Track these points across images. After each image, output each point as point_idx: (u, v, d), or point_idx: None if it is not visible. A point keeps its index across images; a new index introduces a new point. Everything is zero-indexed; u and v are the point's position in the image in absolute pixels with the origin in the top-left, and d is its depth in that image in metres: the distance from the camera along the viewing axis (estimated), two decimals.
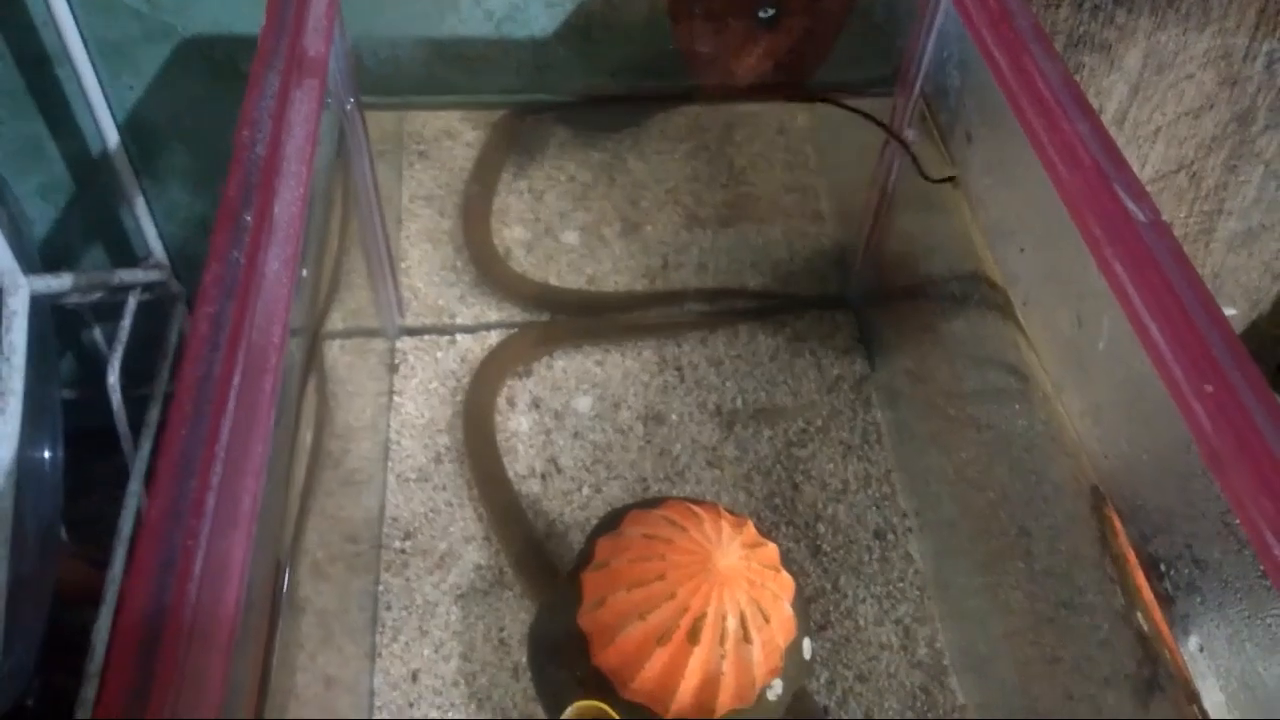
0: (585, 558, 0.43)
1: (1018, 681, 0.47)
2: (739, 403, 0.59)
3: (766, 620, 0.39)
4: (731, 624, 0.38)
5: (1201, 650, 0.35)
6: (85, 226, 0.63)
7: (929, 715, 0.48)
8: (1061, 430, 0.42)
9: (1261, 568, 0.29)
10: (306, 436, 0.42)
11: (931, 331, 0.56)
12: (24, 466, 0.46)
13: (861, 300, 0.63)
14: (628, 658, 0.39)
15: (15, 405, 0.40)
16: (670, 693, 0.39)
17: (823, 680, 0.49)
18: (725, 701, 0.39)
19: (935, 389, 0.55)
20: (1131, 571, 0.38)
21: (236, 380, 0.25)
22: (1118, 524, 0.39)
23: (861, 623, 0.51)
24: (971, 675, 0.49)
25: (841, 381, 0.60)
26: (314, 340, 0.44)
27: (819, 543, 0.53)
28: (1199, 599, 0.34)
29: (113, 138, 0.58)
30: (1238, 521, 0.28)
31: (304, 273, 0.39)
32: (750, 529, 0.42)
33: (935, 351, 0.55)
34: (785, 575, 0.41)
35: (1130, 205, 0.32)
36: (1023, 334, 0.44)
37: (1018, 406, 0.47)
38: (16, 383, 0.41)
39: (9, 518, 0.40)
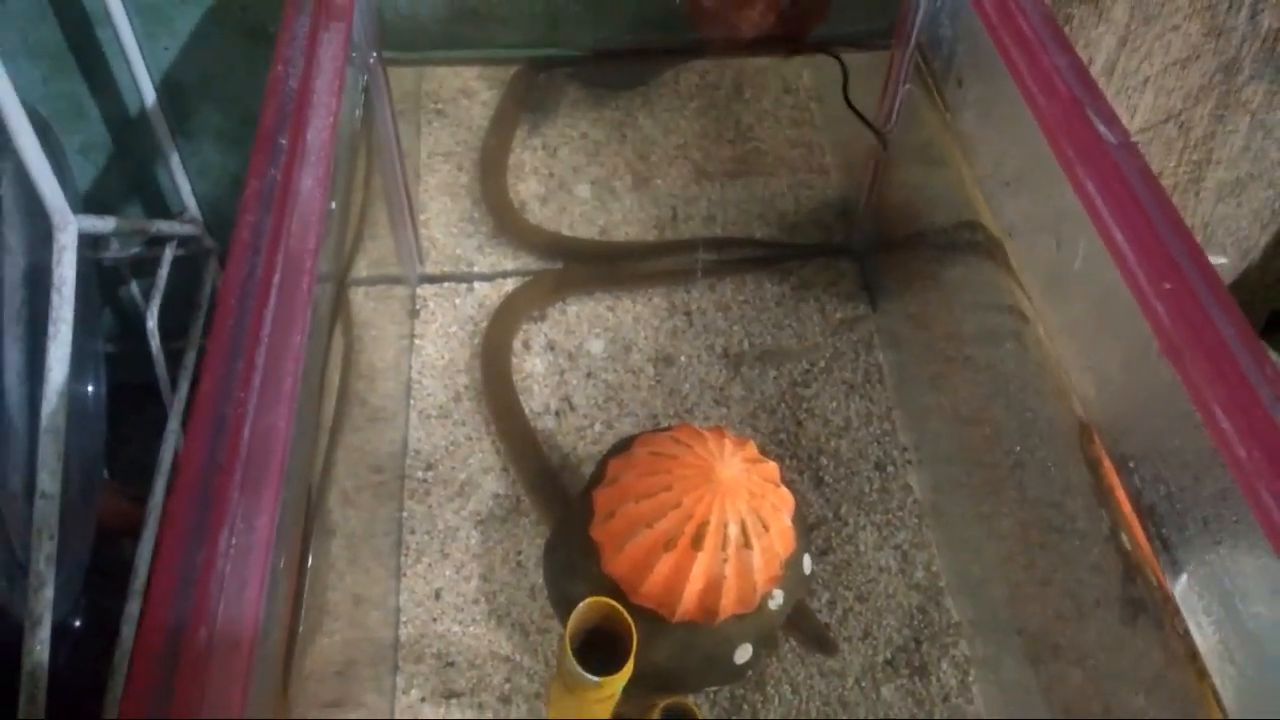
0: (597, 478, 0.46)
1: (1009, 601, 0.49)
2: (745, 345, 0.61)
3: (766, 529, 0.42)
4: (733, 531, 0.41)
5: (1180, 568, 0.37)
6: (124, 183, 0.66)
7: (925, 632, 0.51)
8: (1052, 370, 0.44)
9: (1226, 466, 0.31)
10: (334, 377, 0.44)
11: (931, 277, 0.58)
12: (69, 401, 0.49)
13: (864, 248, 0.66)
14: (636, 564, 0.42)
15: (66, 332, 0.43)
16: (676, 597, 0.41)
17: (824, 600, 0.51)
18: (728, 605, 0.42)
19: (935, 332, 0.57)
20: (1117, 498, 0.41)
21: (277, 279, 0.28)
22: (1102, 453, 0.41)
23: (862, 548, 0.53)
24: (966, 596, 0.52)
25: (845, 325, 0.62)
26: (341, 285, 0.46)
27: (821, 474, 0.56)
28: (1179, 522, 0.36)
29: (150, 97, 0.61)
30: (1199, 418, 0.30)
31: (333, 205, 0.42)
32: (752, 447, 0.44)
33: (935, 296, 0.58)
34: (785, 491, 0.44)
35: (1102, 129, 0.34)
36: (1013, 276, 0.47)
37: (1010, 348, 0.49)
38: (67, 312, 0.43)
39: (62, 434, 0.43)
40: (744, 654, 0.45)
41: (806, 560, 0.47)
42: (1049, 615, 0.47)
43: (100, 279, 0.71)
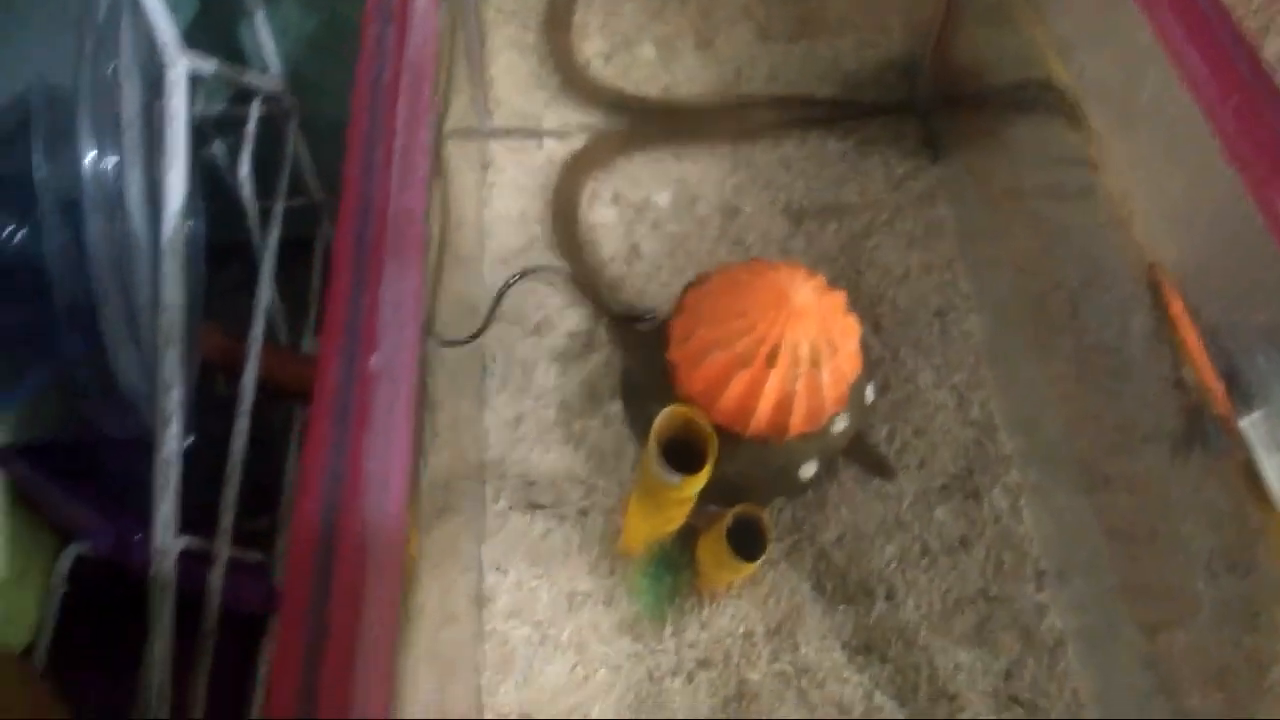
0: (674, 309, 0.49)
1: (1062, 435, 0.52)
2: (808, 200, 0.63)
3: (835, 351, 0.44)
4: (804, 351, 0.43)
5: (1247, 400, 0.39)
6: (211, 41, 0.68)
7: (978, 463, 0.54)
8: (1117, 212, 0.45)
9: None
10: (434, 227, 0.47)
11: (994, 133, 0.59)
12: (191, 247, 0.53)
13: (928, 106, 0.66)
14: (712, 383, 0.45)
15: (180, 162, 0.46)
16: (749, 413, 0.44)
17: (882, 433, 0.54)
18: (797, 423, 0.45)
19: (998, 185, 0.59)
20: (1181, 333, 0.42)
21: (405, 80, 0.30)
22: (1169, 289, 0.42)
23: (920, 386, 0.56)
24: (1019, 432, 0.54)
25: (907, 180, 0.64)
26: (439, 135, 0.49)
27: (880, 320, 0.58)
28: (1247, 353, 0.38)
29: None
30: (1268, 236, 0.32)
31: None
32: (821, 279, 0.46)
33: (998, 151, 0.59)
34: (852, 319, 0.46)
35: None
36: (1082, 124, 0.47)
37: (1075, 198, 0.50)
38: (180, 143, 0.46)
39: (180, 253, 0.47)
40: (809, 470, 0.48)
41: (869, 389, 0.50)
42: (1101, 447, 0.49)
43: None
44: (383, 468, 0.24)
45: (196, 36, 0.68)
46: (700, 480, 0.42)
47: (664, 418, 0.41)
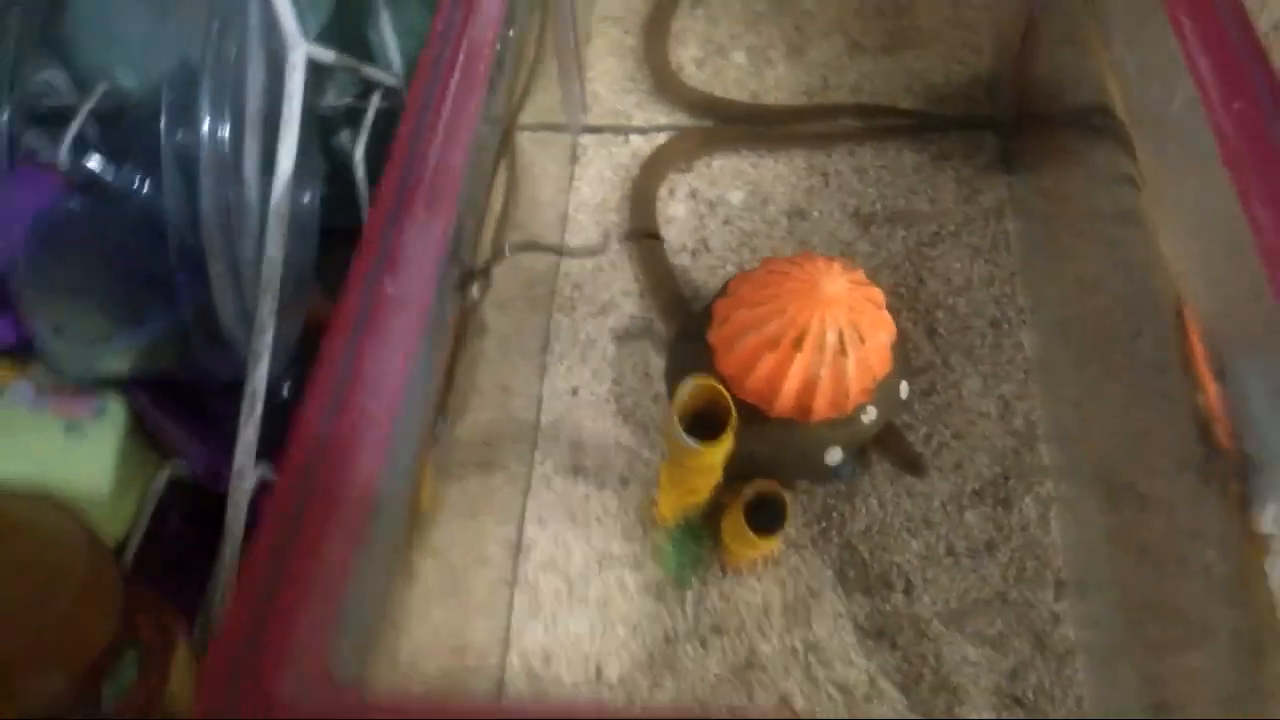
0: (719, 293, 0.52)
1: (1101, 453, 0.52)
2: (878, 206, 0.65)
3: (862, 341, 0.46)
4: (831, 338, 0.46)
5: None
6: (343, 38, 0.75)
7: (1014, 471, 0.54)
8: (1153, 242, 0.46)
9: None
10: (498, 203, 0.51)
11: (1066, 155, 0.60)
12: (290, 206, 0.59)
13: (1008, 124, 0.67)
14: (743, 363, 0.47)
15: (292, 137, 0.52)
16: (775, 393, 0.47)
17: (921, 433, 0.56)
18: (821, 406, 0.47)
19: (1065, 206, 0.59)
20: (1199, 364, 0.42)
21: (461, 58, 0.35)
22: (1191, 320, 0.43)
23: (965, 393, 0.57)
24: (1059, 445, 0.55)
25: (978, 194, 0.65)
26: (510, 123, 0.53)
27: (936, 326, 0.59)
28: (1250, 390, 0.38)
29: None
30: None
31: (510, 33, 0.48)
32: (860, 273, 0.48)
33: (1069, 173, 0.59)
34: (886, 316, 0.48)
35: None
36: (1129, 151, 0.48)
37: (1124, 225, 0.51)
38: (294, 120, 0.52)
39: (286, 216, 0.52)
40: (834, 456, 0.50)
41: (904, 386, 0.52)
42: (1137, 469, 0.49)
43: (319, 127, 0.80)
44: (383, 380, 0.28)
45: (332, 33, 0.75)
46: (719, 449, 0.45)
47: (686, 389, 0.44)
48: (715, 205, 0.65)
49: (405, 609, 0.37)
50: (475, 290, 0.44)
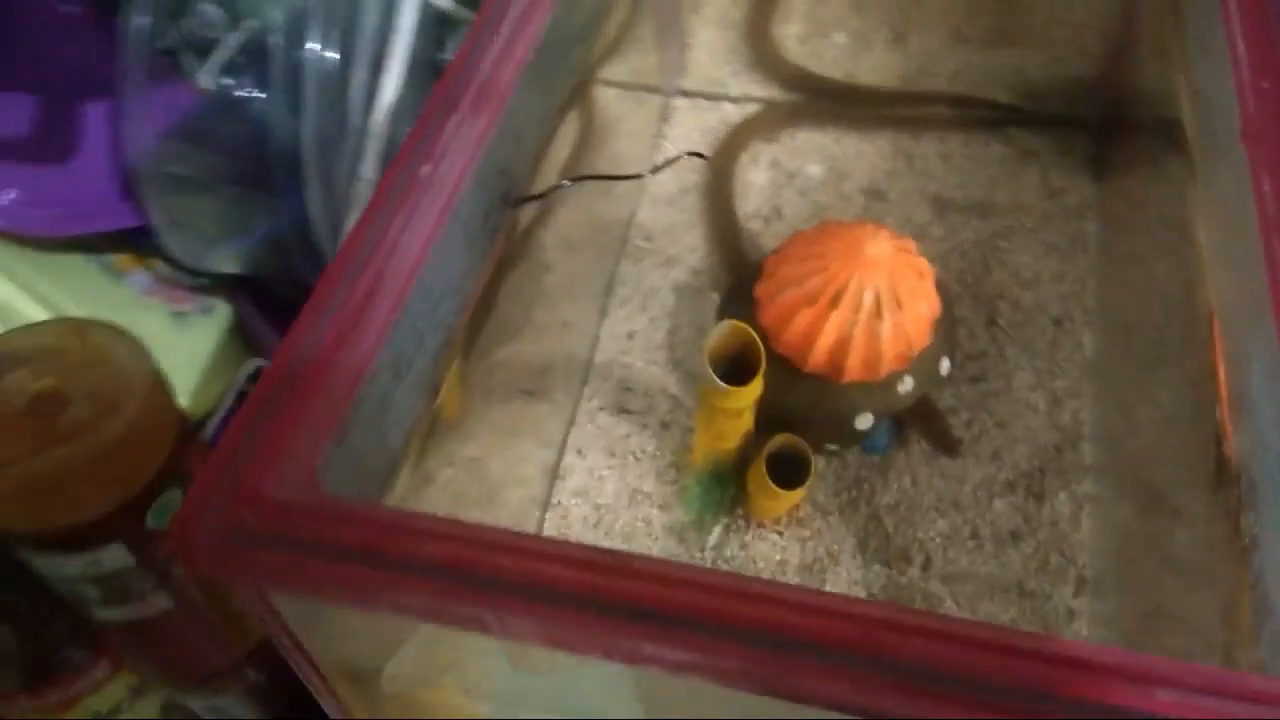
0: (773, 252, 0.53)
1: (1145, 459, 0.51)
2: (958, 194, 0.65)
3: (900, 307, 0.47)
4: (867, 299, 0.47)
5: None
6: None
7: (1053, 466, 0.54)
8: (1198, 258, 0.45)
9: None
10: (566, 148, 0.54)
11: (1154, 164, 0.58)
12: (391, 135, 0.63)
13: (1102, 127, 0.66)
14: (782, 316, 0.49)
15: (397, 66, 0.56)
16: (810, 347, 0.48)
17: (963, 418, 0.56)
18: (853, 366, 0.48)
19: (1148, 215, 0.58)
20: (1219, 383, 0.41)
21: None
22: (1218, 341, 0.42)
23: (1015, 385, 0.57)
24: (1103, 446, 0.54)
25: (1063, 193, 0.64)
26: (591, 77, 0.56)
27: (996, 316, 0.59)
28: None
29: None
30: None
31: None
32: (910, 243, 0.49)
33: (1154, 182, 0.58)
34: (930, 287, 0.49)
35: None
36: (1193, 178, 0.47)
37: (1184, 243, 0.50)
38: (400, 50, 0.56)
39: (383, 138, 0.57)
40: (865, 421, 0.51)
41: (945, 363, 0.52)
42: (1169, 479, 0.48)
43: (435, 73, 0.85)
44: (406, 250, 0.31)
45: None
46: (748, 393, 0.46)
47: (718, 331, 0.46)
48: (794, 176, 0.66)
49: (432, 508, 0.40)
50: (529, 214, 0.47)
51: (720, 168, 0.66)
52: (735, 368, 0.47)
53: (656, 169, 0.63)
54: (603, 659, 0.24)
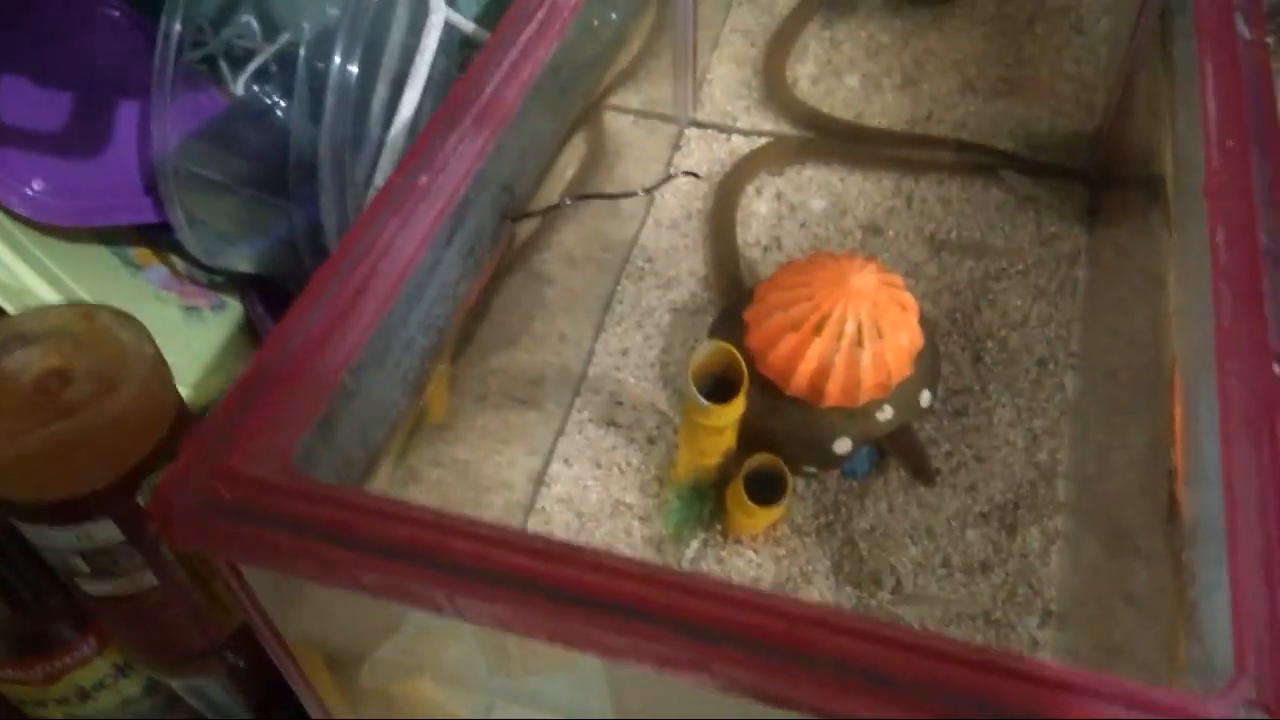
0: (767, 279, 0.55)
1: (1117, 500, 0.52)
2: (953, 235, 0.66)
3: (880, 337, 0.49)
4: (849, 328, 0.48)
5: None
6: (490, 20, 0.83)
7: (1027, 501, 0.55)
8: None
9: None
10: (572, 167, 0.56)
11: (1137, 217, 0.60)
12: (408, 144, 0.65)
13: (1100, 179, 0.68)
14: (768, 340, 0.50)
15: (418, 84, 0.58)
16: (792, 371, 0.50)
17: (943, 450, 0.57)
18: (833, 392, 0.50)
19: (1129, 264, 0.60)
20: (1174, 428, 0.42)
21: (541, 14, 0.40)
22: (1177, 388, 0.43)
23: (995, 421, 0.58)
24: (1076, 484, 0.55)
25: (1056, 239, 0.66)
26: (601, 103, 0.58)
27: (982, 354, 0.61)
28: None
29: None
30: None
31: (613, 15, 0.53)
32: (896, 279, 0.51)
33: (1135, 234, 0.60)
34: (912, 320, 0.51)
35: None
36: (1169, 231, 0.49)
37: (1161, 293, 0.51)
38: (422, 69, 0.59)
39: (400, 152, 0.59)
40: (843, 446, 0.52)
41: (925, 395, 0.54)
42: (1135, 521, 0.50)
43: None
44: (400, 250, 0.33)
45: (489, 20, 0.82)
46: (729, 411, 0.48)
47: (703, 350, 0.48)
48: (796, 209, 0.68)
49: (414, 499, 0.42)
50: (532, 229, 0.49)
51: (725, 195, 0.68)
52: (719, 386, 0.49)
53: (650, 189, 0.65)
54: (550, 643, 0.26)
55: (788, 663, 0.25)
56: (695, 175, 0.67)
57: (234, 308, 0.70)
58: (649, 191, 0.66)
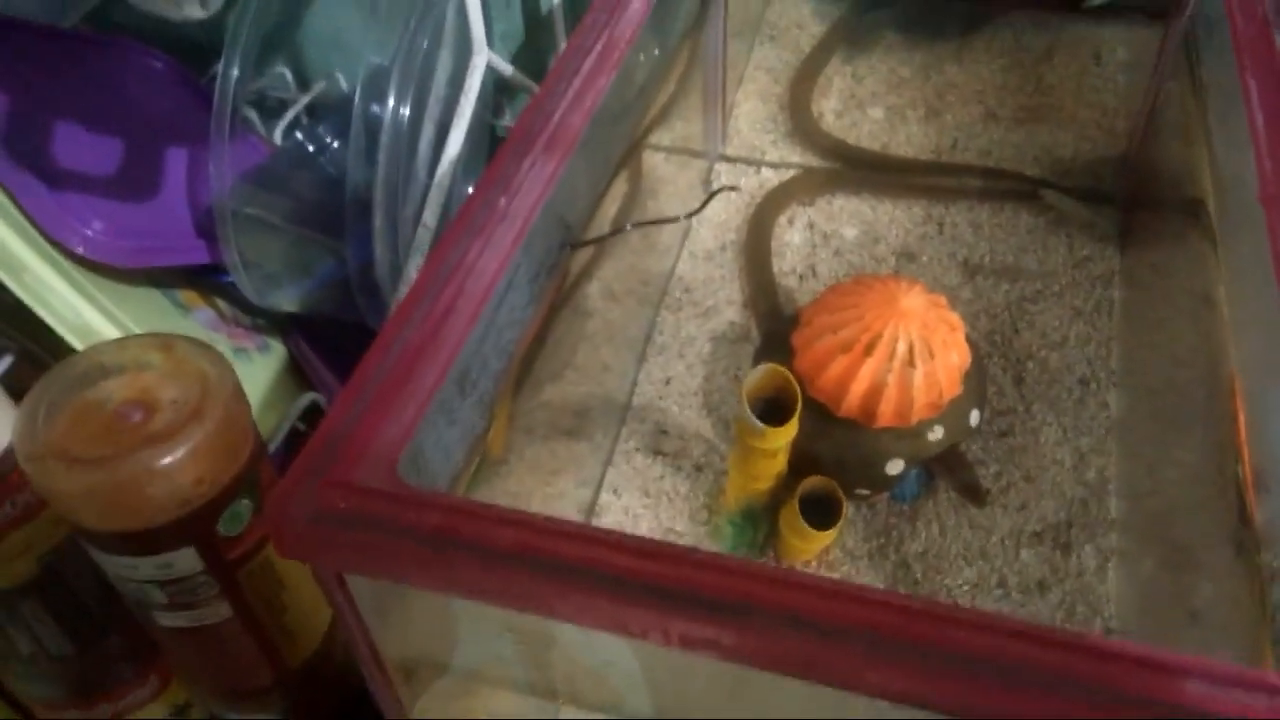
0: (810, 303, 0.56)
1: (1170, 516, 0.52)
2: (987, 259, 0.67)
3: (931, 356, 0.49)
4: (901, 348, 0.49)
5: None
6: (528, 62, 0.84)
7: (1079, 520, 0.55)
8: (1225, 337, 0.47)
9: None
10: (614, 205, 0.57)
11: (1173, 237, 0.61)
12: (457, 188, 0.67)
13: (1129, 202, 0.69)
14: (817, 362, 0.51)
15: (463, 124, 0.60)
16: (844, 393, 0.50)
17: (991, 470, 0.57)
18: (885, 413, 0.50)
19: (1168, 283, 0.61)
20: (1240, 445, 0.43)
21: (599, 46, 0.41)
22: (1240, 406, 0.44)
23: (1042, 440, 0.58)
24: (1128, 501, 0.55)
25: (1089, 261, 0.67)
26: (640, 141, 0.59)
27: (1024, 375, 0.61)
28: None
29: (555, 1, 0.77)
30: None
31: (656, 51, 0.55)
32: (943, 300, 0.52)
33: (1173, 254, 0.61)
34: (961, 340, 0.51)
35: None
36: (1215, 251, 0.50)
37: (1209, 312, 0.52)
38: (467, 109, 0.60)
39: (447, 188, 0.60)
40: (895, 466, 0.53)
41: (975, 414, 0.54)
42: (1194, 535, 0.50)
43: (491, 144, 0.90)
44: (484, 270, 0.33)
45: (521, 62, 0.84)
46: (783, 434, 0.48)
47: (757, 373, 0.48)
48: (829, 238, 0.69)
49: None
50: (577, 264, 0.50)
51: (760, 225, 0.69)
52: (771, 409, 0.50)
53: (692, 213, 0.66)
54: (653, 642, 0.26)
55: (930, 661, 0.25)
56: (734, 189, 0.69)
57: (277, 349, 0.71)
58: (692, 215, 0.67)
